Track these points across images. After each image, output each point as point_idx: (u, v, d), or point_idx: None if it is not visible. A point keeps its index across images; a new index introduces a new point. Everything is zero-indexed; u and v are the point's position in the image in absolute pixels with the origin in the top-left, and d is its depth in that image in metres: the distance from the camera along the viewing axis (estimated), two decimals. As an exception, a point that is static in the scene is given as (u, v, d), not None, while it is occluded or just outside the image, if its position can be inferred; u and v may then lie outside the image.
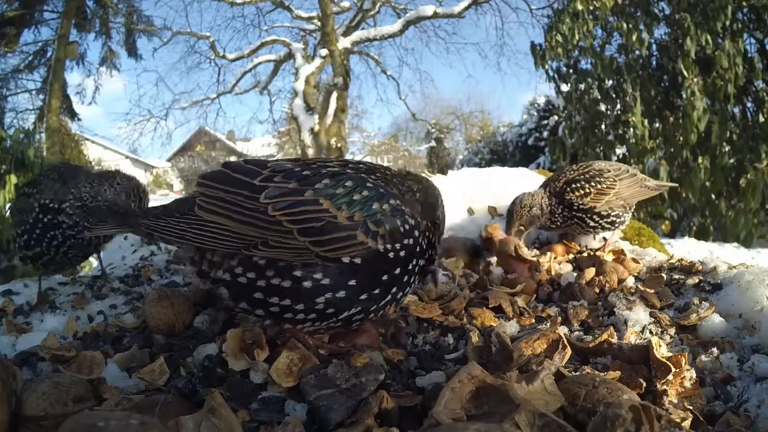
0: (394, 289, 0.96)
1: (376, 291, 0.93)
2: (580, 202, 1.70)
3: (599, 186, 1.71)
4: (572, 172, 1.77)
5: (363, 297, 0.92)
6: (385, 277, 0.92)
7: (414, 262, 0.96)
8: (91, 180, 1.49)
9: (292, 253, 0.88)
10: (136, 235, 1.18)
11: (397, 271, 0.93)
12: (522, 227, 1.71)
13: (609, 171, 1.75)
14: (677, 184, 2.25)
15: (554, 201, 1.73)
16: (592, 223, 1.72)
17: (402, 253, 0.92)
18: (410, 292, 1.05)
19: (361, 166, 0.99)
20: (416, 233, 0.95)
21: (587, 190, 1.70)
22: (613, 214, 1.72)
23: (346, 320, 0.95)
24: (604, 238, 1.89)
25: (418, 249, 0.96)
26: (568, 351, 0.92)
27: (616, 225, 1.75)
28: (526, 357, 0.89)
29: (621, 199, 1.73)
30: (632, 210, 1.81)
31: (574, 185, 1.72)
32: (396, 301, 0.99)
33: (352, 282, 0.90)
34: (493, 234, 1.75)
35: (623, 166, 1.82)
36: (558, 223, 1.75)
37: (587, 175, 1.73)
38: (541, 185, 1.82)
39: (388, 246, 0.91)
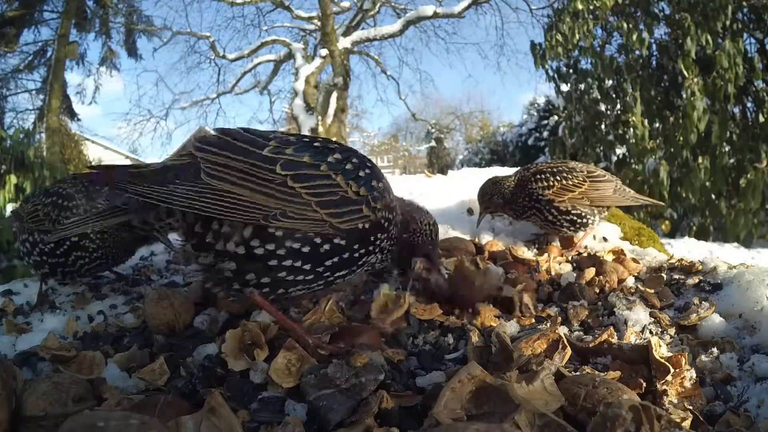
0: (372, 253, 1.07)
1: (367, 251, 1.04)
2: (540, 194, 1.68)
3: (564, 181, 1.68)
4: (543, 164, 1.76)
5: (356, 256, 1.02)
6: (372, 240, 1.03)
7: (387, 234, 1.08)
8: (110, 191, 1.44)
9: (310, 223, 0.92)
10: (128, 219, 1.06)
11: (382, 235, 1.06)
12: (489, 211, 1.76)
13: (582, 171, 1.73)
14: (662, 203, 2.18)
15: (518, 190, 1.72)
16: (550, 217, 1.69)
17: (385, 224, 1.05)
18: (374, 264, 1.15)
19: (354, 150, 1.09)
20: (394, 213, 1.09)
21: (550, 183, 1.68)
22: (573, 212, 1.68)
23: (331, 282, 1.04)
24: (604, 238, 1.89)
25: (391, 226, 1.09)
26: (568, 351, 0.92)
27: (578, 225, 1.71)
28: (526, 357, 0.89)
29: (588, 200, 1.70)
30: (603, 215, 1.76)
31: (539, 176, 1.71)
32: (369, 265, 1.11)
33: (356, 245, 0.99)
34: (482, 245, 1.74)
35: (602, 171, 1.79)
36: (518, 212, 1.74)
37: (555, 169, 1.72)
38: (514, 172, 1.82)
39: (381, 215, 1.03)
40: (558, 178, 1.69)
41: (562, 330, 1.10)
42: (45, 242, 1.41)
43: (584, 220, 1.71)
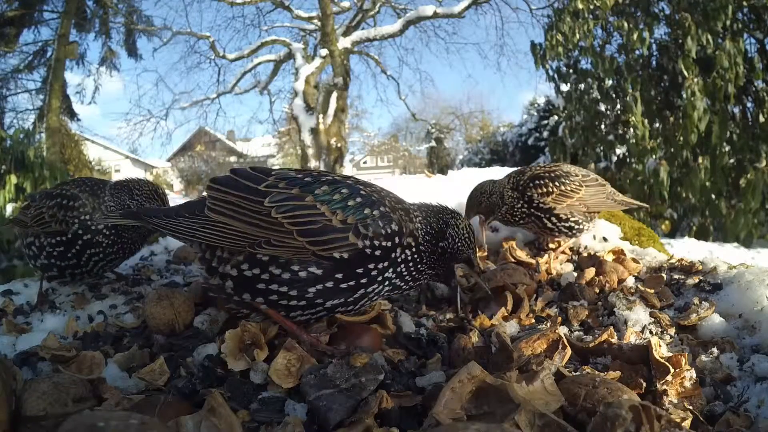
0: (369, 284, 1.03)
1: (358, 282, 1.01)
2: (541, 201, 1.64)
3: (563, 187, 1.65)
4: (539, 168, 1.72)
5: (344, 287, 1.00)
6: (361, 272, 1.00)
7: (387, 264, 1.03)
8: (112, 191, 1.46)
9: (292, 250, 0.97)
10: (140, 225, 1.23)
11: (377, 265, 1.02)
12: (481, 216, 1.67)
13: (576, 175, 1.70)
14: (647, 204, 2.12)
15: (516, 195, 1.67)
16: (549, 225, 1.66)
17: (378, 252, 1.01)
18: (385, 294, 1.10)
19: (360, 181, 1.10)
20: (397, 239, 1.04)
21: (550, 189, 1.64)
22: (572, 219, 1.65)
23: (330, 309, 1.03)
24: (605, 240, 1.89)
25: (395, 254, 1.04)
26: (568, 351, 0.92)
27: (574, 232, 1.68)
28: (526, 357, 0.89)
29: (584, 206, 1.67)
30: (594, 221, 1.73)
31: (537, 182, 1.66)
32: (367, 296, 1.05)
33: (339, 275, 0.99)
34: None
35: (592, 174, 1.76)
36: (516, 218, 1.69)
37: (553, 174, 1.67)
38: (506, 176, 1.76)
39: (369, 244, 1.00)
40: (557, 183, 1.65)
41: (562, 330, 1.10)
42: (53, 244, 1.41)
43: (580, 226, 1.69)
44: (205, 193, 1.07)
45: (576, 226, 1.68)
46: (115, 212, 1.39)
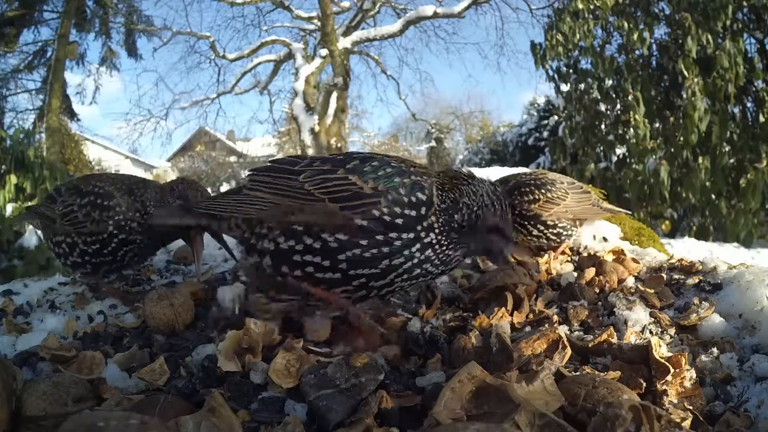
0: (391, 255, 1.02)
1: (380, 250, 1.00)
2: (526, 208, 1.63)
3: (549, 194, 1.64)
4: (524, 176, 1.71)
5: (367, 255, 1.00)
6: (381, 239, 1.00)
7: (412, 236, 1.02)
8: (156, 193, 1.43)
9: (323, 217, 1.01)
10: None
11: (401, 235, 1.01)
12: None
13: (562, 183, 1.69)
14: (631, 211, 2.10)
15: None
16: (535, 231, 1.65)
17: (399, 221, 1.01)
18: (415, 277, 1.06)
19: (391, 156, 1.13)
20: (423, 209, 1.02)
21: (536, 197, 1.63)
22: (560, 225, 1.65)
23: (367, 288, 1.04)
24: (599, 243, 1.89)
25: (421, 226, 1.02)
26: (568, 351, 0.92)
27: (562, 238, 1.68)
28: (526, 357, 0.89)
29: (571, 213, 1.66)
30: (579, 228, 1.72)
31: (523, 189, 1.65)
32: (396, 272, 1.03)
33: (363, 242, 1.00)
34: None
35: (577, 182, 1.75)
36: None
37: (538, 182, 1.66)
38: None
39: (390, 211, 1.00)
40: (543, 191, 1.64)
41: (563, 329, 1.10)
42: (88, 243, 1.38)
43: (568, 233, 1.68)
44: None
45: (564, 232, 1.68)
46: (165, 214, 1.36)
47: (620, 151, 7.12)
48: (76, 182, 1.49)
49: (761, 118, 6.03)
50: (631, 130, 6.36)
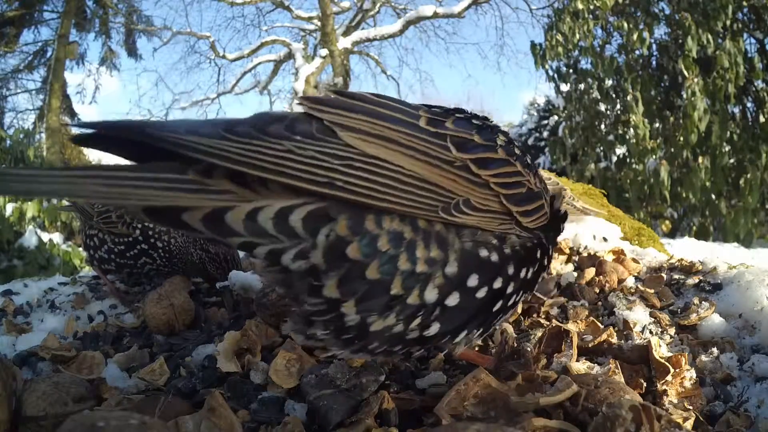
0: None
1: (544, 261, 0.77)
2: None
3: None
4: None
5: (523, 275, 0.72)
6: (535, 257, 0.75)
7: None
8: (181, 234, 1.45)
9: (497, 220, 0.67)
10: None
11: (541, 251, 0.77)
12: None
13: None
14: (606, 212, 2.05)
15: None
16: None
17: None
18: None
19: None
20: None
21: None
22: None
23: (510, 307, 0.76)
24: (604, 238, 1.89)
25: None
26: (575, 351, 0.92)
27: None
28: (531, 357, 0.89)
29: None
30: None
31: None
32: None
33: (537, 255, 0.74)
34: None
35: (553, 178, 1.73)
36: None
37: None
38: None
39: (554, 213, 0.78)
40: None
41: (572, 327, 1.10)
42: (116, 243, 1.46)
43: None
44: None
45: None
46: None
47: (620, 151, 7.12)
48: None
49: (761, 118, 6.03)
50: (631, 130, 6.36)
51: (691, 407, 0.80)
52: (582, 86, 7.27)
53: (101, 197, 0.56)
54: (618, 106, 6.95)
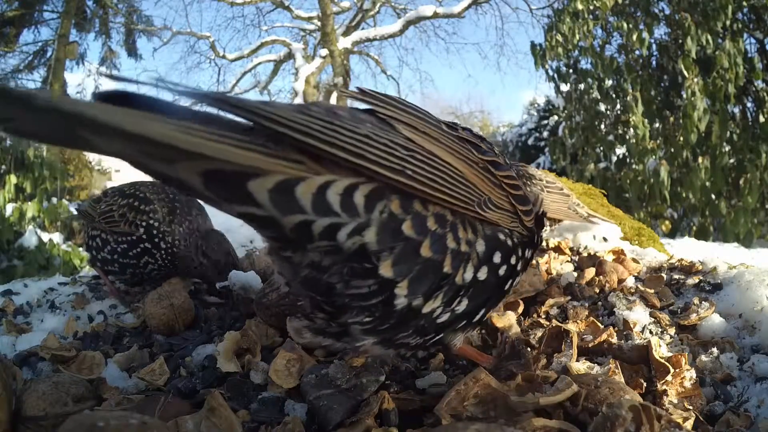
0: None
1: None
2: None
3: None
4: None
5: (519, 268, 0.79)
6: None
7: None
8: (188, 235, 1.44)
9: (509, 218, 0.74)
10: None
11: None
12: None
13: (540, 179, 1.66)
14: (612, 220, 2.02)
15: None
16: None
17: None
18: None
19: None
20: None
21: None
22: None
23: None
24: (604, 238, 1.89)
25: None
26: (575, 351, 0.92)
27: None
28: (531, 357, 0.89)
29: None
30: (554, 228, 1.67)
31: None
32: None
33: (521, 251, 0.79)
34: None
35: (558, 183, 1.73)
36: None
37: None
38: None
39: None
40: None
41: (572, 327, 1.10)
42: (118, 242, 1.44)
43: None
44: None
45: None
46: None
47: (620, 151, 7.12)
48: (123, 185, 1.56)
49: (761, 118, 6.03)
50: (631, 130, 6.36)
51: (691, 407, 0.80)
52: (582, 86, 7.27)
53: (172, 141, 0.46)
54: (618, 106, 6.95)
